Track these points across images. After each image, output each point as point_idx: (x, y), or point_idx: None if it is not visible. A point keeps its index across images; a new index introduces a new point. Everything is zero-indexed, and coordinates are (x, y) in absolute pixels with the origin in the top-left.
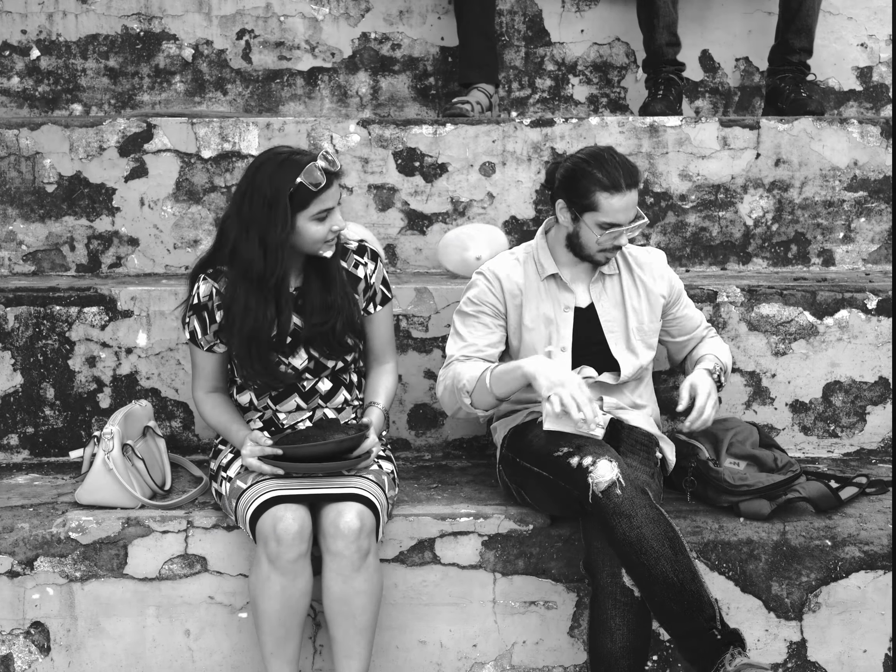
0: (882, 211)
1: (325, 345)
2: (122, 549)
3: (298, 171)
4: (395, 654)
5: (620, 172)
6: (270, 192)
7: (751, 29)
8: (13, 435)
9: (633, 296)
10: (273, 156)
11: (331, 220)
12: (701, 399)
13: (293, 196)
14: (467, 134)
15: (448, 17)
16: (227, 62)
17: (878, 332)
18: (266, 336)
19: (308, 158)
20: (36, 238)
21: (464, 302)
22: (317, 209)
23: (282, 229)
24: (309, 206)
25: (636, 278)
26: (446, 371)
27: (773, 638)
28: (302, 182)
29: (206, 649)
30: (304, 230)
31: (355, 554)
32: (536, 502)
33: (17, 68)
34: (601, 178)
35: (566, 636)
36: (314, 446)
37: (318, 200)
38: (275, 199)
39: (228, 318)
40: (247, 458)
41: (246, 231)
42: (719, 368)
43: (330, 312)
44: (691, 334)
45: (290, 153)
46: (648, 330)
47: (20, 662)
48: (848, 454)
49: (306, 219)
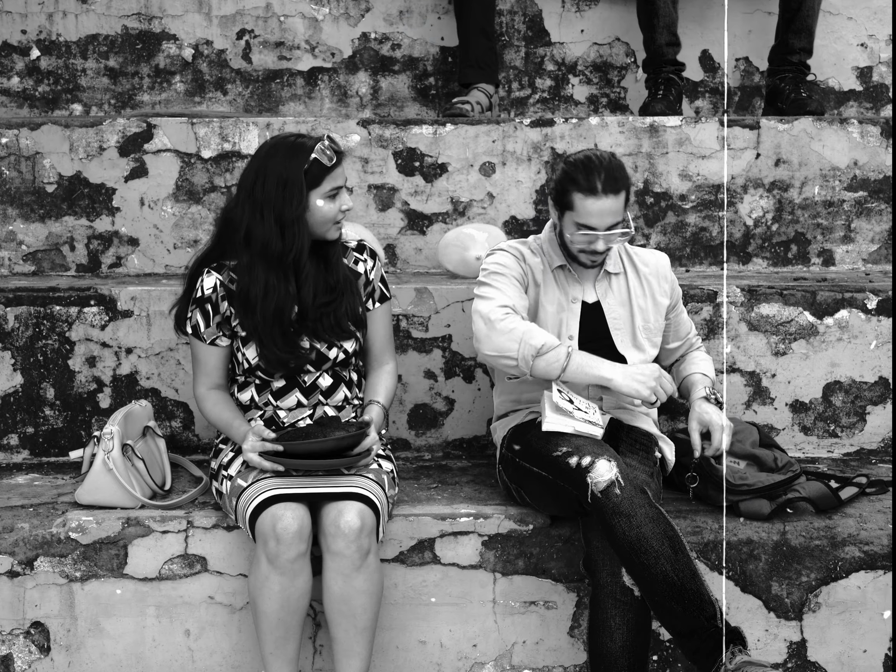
0: (882, 211)
1: (328, 327)
2: (122, 549)
3: (310, 150)
4: (395, 654)
5: (600, 177)
6: (285, 172)
7: (751, 29)
8: (13, 435)
9: (639, 294)
10: (281, 140)
11: (340, 198)
12: (717, 436)
13: (307, 174)
14: (467, 134)
15: (448, 17)
16: (227, 62)
17: (878, 332)
18: (289, 313)
19: (315, 140)
20: (36, 238)
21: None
22: (329, 186)
23: (297, 205)
24: (322, 183)
25: (642, 277)
26: (510, 320)
27: (773, 638)
28: (316, 158)
29: (206, 649)
30: (315, 209)
31: (356, 553)
32: (536, 502)
33: (17, 68)
34: (580, 179)
35: (566, 636)
36: (315, 443)
37: (329, 178)
38: (290, 178)
39: (248, 301)
40: (247, 452)
41: (260, 213)
42: (714, 392)
43: (334, 293)
44: (682, 340)
45: (298, 136)
46: (654, 328)
47: (20, 662)
48: (848, 454)
49: (318, 196)
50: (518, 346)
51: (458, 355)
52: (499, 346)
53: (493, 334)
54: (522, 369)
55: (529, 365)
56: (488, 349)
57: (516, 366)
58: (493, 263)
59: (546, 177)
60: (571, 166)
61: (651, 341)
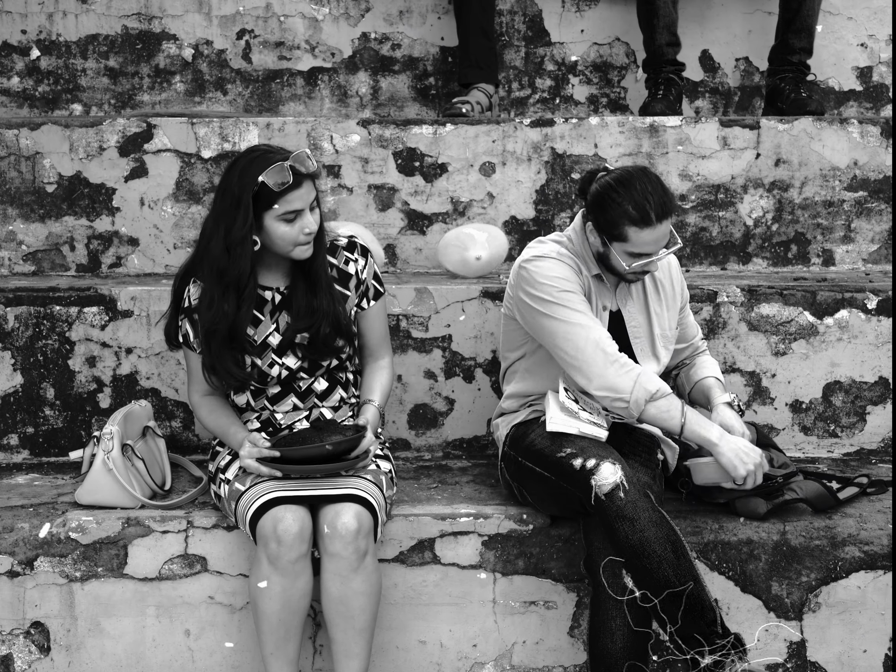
0: (882, 211)
1: (312, 347)
2: (122, 549)
3: (263, 169)
4: (395, 654)
5: (651, 204)
6: (237, 190)
7: (751, 29)
8: (13, 435)
9: (655, 300)
10: (247, 153)
11: (301, 221)
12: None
13: (258, 195)
14: (467, 134)
15: (448, 17)
16: (227, 62)
17: (878, 332)
18: (222, 331)
19: (279, 157)
20: (36, 238)
21: (554, 282)
22: (283, 209)
23: (242, 226)
24: (274, 205)
25: (657, 281)
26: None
27: (773, 638)
28: (264, 182)
29: (206, 649)
30: (272, 230)
31: (353, 555)
32: (537, 502)
33: (17, 68)
34: (630, 210)
35: (566, 636)
36: (311, 448)
37: (283, 201)
38: (240, 197)
39: (198, 311)
40: (244, 459)
41: (217, 228)
42: (738, 399)
43: (315, 316)
44: (688, 343)
45: (264, 152)
46: (670, 335)
47: (20, 662)
48: (848, 454)
49: (273, 218)
50: (633, 387)
51: (458, 355)
52: (615, 386)
53: (611, 371)
54: (632, 412)
55: (641, 409)
56: (600, 386)
57: (626, 408)
58: (557, 279)
59: (546, 177)
60: (615, 194)
61: (667, 349)
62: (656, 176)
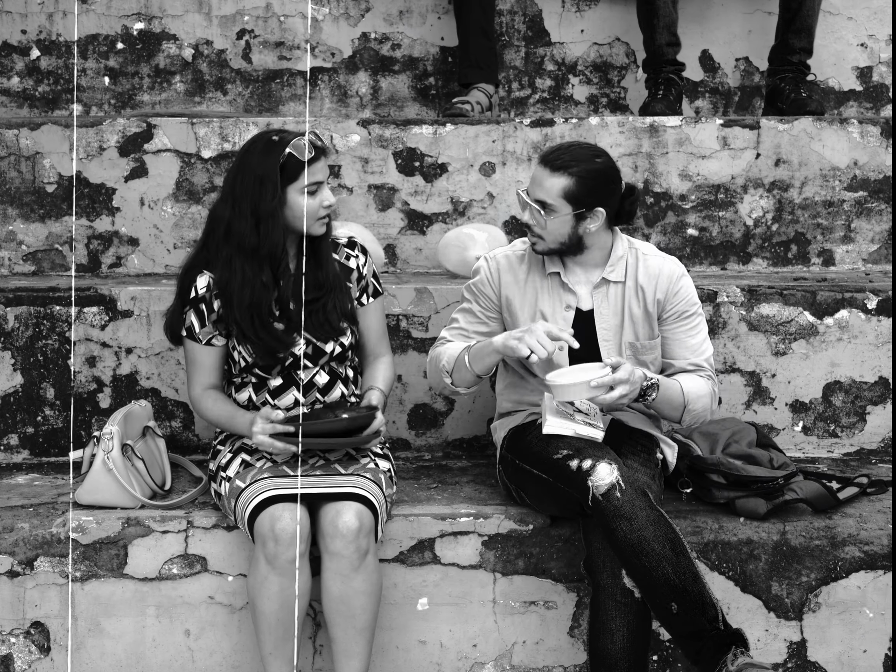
0: (882, 211)
1: (318, 324)
2: (122, 549)
3: (286, 144)
4: (395, 654)
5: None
6: (261, 167)
7: (751, 29)
8: (13, 435)
9: (634, 305)
10: (261, 136)
11: (321, 194)
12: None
13: (283, 169)
14: (467, 134)
15: (448, 17)
16: (227, 62)
17: (878, 332)
18: (267, 304)
19: (294, 135)
20: (36, 238)
21: (466, 287)
22: (307, 181)
23: (271, 199)
24: (299, 177)
25: (639, 288)
26: (433, 351)
27: (773, 638)
28: (291, 153)
29: (206, 649)
30: (295, 204)
31: (354, 554)
32: (536, 503)
33: (17, 68)
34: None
35: (566, 636)
36: (328, 422)
37: (307, 173)
38: (265, 173)
39: (227, 293)
40: (258, 435)
41: (239, 208)
42: (655, 384)
43: (322, 290)
44: (671, 361)
45: (279, 132)
46: (647, 345)
47: (20, 662)
48: (848, 454)
49: (297, 191)
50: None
51: None
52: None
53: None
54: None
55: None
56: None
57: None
58: (467, 285)
59: None
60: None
61: (637, 360)
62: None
